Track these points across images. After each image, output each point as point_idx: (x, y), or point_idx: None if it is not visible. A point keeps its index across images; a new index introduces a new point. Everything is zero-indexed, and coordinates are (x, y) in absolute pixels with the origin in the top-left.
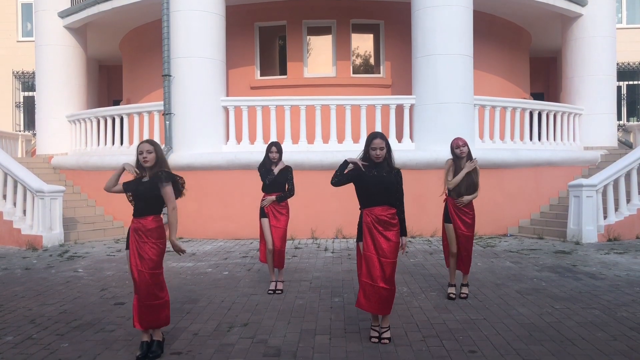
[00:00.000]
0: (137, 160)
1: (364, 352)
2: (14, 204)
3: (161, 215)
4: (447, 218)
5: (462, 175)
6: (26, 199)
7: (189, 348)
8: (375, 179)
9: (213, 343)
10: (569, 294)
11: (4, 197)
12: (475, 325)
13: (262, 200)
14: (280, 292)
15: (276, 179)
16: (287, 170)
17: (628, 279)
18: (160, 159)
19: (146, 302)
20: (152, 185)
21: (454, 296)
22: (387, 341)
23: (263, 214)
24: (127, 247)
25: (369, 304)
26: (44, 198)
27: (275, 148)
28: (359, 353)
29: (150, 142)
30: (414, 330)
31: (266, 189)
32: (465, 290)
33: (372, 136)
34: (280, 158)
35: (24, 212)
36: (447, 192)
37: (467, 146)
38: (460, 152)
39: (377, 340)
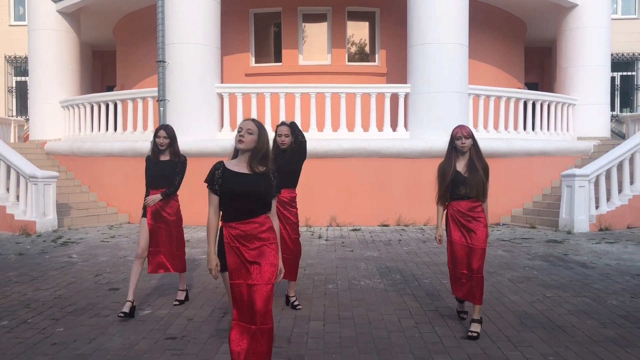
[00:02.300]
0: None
1: (357, 337)
2: (7, 190)
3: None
4: (448, 225)
5: None
6: (19, 185)
7: (184, 333)
8: (283, 166)
9: (208, 328)
10: (560, 283)
11: None
12: (468, 312)
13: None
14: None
15: (164, 171)
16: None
17: (618, 268)
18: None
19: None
20: (267, 180)
21: (465, 316)
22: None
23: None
24: (225, 270)
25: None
26: (37, 184)
27: (164, 132)
28: (353, 339)
29: (256, 122)
30: (406, 317)
31: (151, 185)
32: (475, 327)
33: (279, 124)
34: (171, 144)
35: (17, 197)
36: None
37: (473, 138)
38: (461, 145)
39: None
